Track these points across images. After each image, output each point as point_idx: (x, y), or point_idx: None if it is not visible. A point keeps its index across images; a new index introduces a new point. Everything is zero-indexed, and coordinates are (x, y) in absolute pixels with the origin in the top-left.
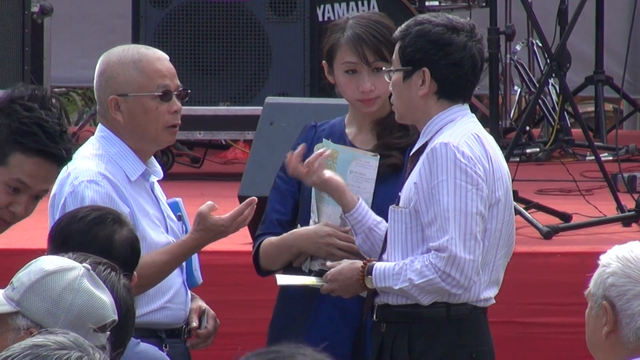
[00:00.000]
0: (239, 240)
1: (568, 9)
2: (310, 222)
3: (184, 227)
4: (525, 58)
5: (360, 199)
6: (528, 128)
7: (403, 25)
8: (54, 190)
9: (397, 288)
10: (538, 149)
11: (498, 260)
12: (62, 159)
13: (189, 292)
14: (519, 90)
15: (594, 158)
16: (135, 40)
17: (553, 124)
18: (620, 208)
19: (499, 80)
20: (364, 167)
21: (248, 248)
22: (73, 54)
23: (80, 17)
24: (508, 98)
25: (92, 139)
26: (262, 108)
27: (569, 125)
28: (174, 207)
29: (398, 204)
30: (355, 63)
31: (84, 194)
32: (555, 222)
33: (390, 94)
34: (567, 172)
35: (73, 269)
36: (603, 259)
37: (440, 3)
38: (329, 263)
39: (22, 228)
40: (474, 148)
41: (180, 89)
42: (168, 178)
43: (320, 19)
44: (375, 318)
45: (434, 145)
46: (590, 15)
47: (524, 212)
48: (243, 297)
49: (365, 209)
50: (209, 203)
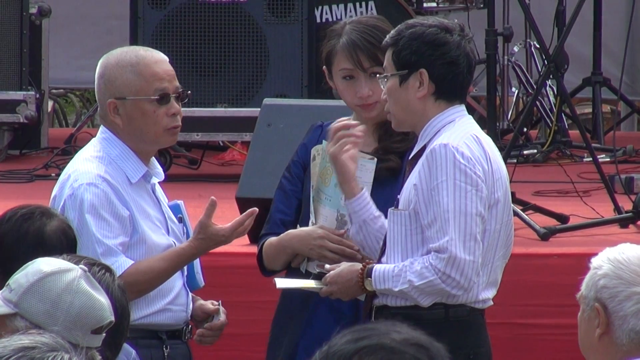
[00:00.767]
0: (240, 242)
1: (566, 11)
2: (310, 223)
3: (185, 229)
4: (523, 59)
5: (365, 190)
6: (525, 129)
7: (393, 32)
8: (54, 192)
9: (397, 290)
10: (535, 151)
11: (496, 261)
12: None
13: (190, 294)
14: (517, 92)
15: (592, 159)
16: (134, 42)
17: (550, 126)
18: (618, 209)
19: (497, 82)
20: (361, 170)
21: (249, 250)
22: (71, 56)
23: (79, 18)
24: (505, 99)
25: (93, 140)
26: (259, 109)
27: (567, 127)
28: (175, 209)
29: (397, 207)
30: (352, 69)
31: (83, 197)
32: (553, 223)
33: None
34: (564, 173)
35: (71, 271)
36: (594, 262)
37: (438, 4)
38: (328, 266)
39: None
40: (473, 149)
41: (180, 91)
42: (166, 180)
43: (318, 21)
44: (374, 319)
45: (433, 147)
46: (588, 17)
47: (521, 213)
48: (244, 298)
49: (366, 201)
50: (210, 205)
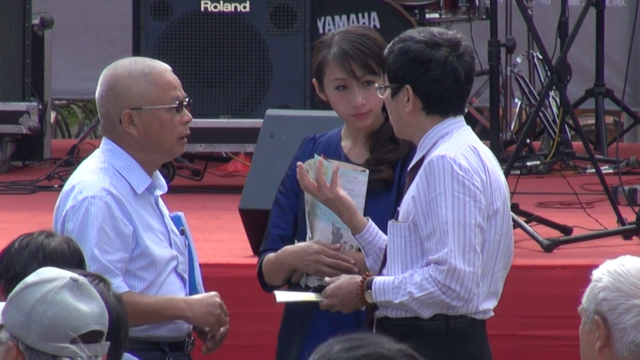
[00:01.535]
0: (242, 253)
1: (569, 22)
2: (307, 238)
3: (187, 241)
4: (526, 70)
5: (370, 220)
6: (529, 141)
7: (391, 42)
8: (58, 202)
9: (397, 302)
10: (539, 162)
11: (497, 272)
12: None
13: None
14: (520, 103)
15: (595, 171)
16: (136, 53)
17: (554, 137)
18: (621, 221)
19: (500, 93)
20: (353, 182)
21: (251, 261)
22: (74, 66)
23: (81, 29)
24: (509, 110)
25: (97, 152)
26: (262, 120)
27: (570, 138)
28: (177, 221)
29: (397, 219)
30: (344, 79)
31: (85, 210)
32: (556, 235)
33: (384, 107)
34: (567, 184)
35: (54, 280)
36: (595, 274)
37: (441, 15)
38: (327, 279)
39: None
40: (471, 160)
41: (186, 100)
42: (169, 191)
43: (321, 31)
44: (375, 331)
45: (431, 158)
46: (591, 28)
47: (525, 225)
48: (246, 310)
49: (375, 230)
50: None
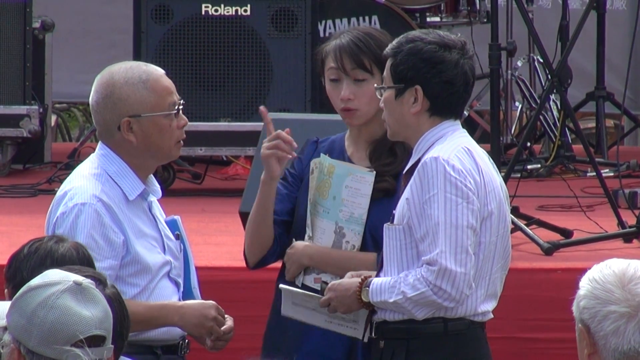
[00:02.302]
0: (242, 257)
1: (569, 25)
2: (305, 237)
3: (182, 245)
4: (527, 74)
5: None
6: (529, 144)
7: (394, 42)
8: (51, 207)
9: (391, 301)
10: (539, 165)
11: (494, 274)
12: None
13: None
14: (520, 106)
15: (595, 174)
16: (137, 56)
17: (554, 140)
18: (621, 224)
19: (500, 96)
20: (360, 182)
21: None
22: (74, 70)
23: (82, 32)
24: (509, 114)
25: (91, 157)
26: (263, 124)
27: (570, 141)
28: (172, 225)
29: (392, 222)
30: (336, 70)
31: (75, 217)
32: (556, 238)
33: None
34: (568, 188)
35: (56, 284)
36: (581, 282)
37: (442, 19)
38: (330, 279)
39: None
40: (465, 161)
41: (181, 102)
42: (169, 194)
43: (322, 35)
44: (374, 335)
45: (425, 160)
46: (592, 32)
47: (525, 228)
48: (245, 313)
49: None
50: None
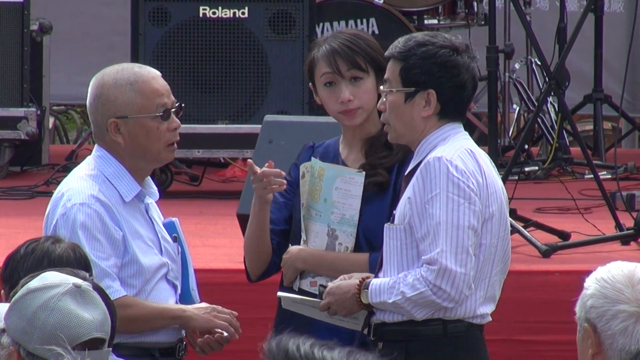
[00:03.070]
0: (239, 259)
1: (567, 28)
2: (301, 241)
3: (180, 248)
4: (524, 76)
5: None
6: (527, 146)
7: (401, 44)
8: (48, 209)
9: (390, 302)
10: (537, 168)
11: (494, 276)
12: None
13: None
14: (518, 109)
15: (593, 176)
16: (135, 59)
17: (552, 143)
18: (619, 226)
19: (498, 99)
20: (349, 183)
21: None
22: (72, 72)
23: (80, 35)
24: (507, 116)
25: (88, 158)
26: (260, 126)
27: (568, 144)
28: (170, 227)
29: (393, 221)
30: (331, 73)
31: (76, 217)
32: (554, 240)
33: (379, 112)
34: (565, 190)
35: (57, 287)
36: (586, 282)
37: (439, 21)
38: (329, 282)
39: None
40: (467, 162)
41: (177, 105)
42: (167, 196)
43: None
44: (372, 337)
45: (428, 160)
46: (589, 34)
47: (523, 230)
48: (243, 315)
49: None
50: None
